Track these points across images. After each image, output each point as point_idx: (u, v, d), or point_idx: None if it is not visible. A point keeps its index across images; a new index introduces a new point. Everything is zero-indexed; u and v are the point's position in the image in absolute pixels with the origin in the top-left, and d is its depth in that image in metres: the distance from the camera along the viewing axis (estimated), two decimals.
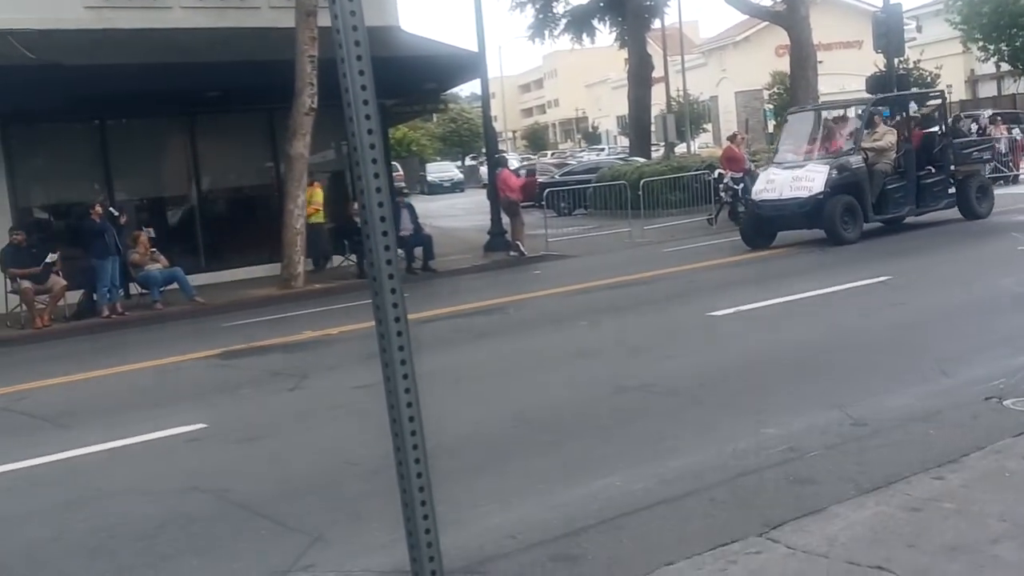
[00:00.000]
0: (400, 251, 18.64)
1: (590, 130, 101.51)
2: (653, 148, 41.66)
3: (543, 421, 7.72)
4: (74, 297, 16.97)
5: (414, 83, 22.07)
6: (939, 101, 21.11)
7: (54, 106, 17.40)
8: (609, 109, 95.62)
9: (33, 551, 5.90)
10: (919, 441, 6.26)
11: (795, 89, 29.16)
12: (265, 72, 18.51)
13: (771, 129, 53.52)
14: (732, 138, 25.70)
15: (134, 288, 17.82)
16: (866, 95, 22.92)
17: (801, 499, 5.41)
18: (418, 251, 19.50)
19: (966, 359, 8.29)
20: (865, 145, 17.89)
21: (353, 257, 19.40)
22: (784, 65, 35.07)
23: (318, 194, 20.64)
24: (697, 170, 26.52)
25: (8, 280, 16.40)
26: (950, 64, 60.99)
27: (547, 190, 27.50)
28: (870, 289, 12.33)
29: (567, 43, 47.40)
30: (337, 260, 20.17)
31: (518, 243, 20.78)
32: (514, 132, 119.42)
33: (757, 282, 13.80)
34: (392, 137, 42.53)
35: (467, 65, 22.59)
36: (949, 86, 59.35)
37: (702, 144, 63.80)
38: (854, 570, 4.33)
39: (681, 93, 56.46)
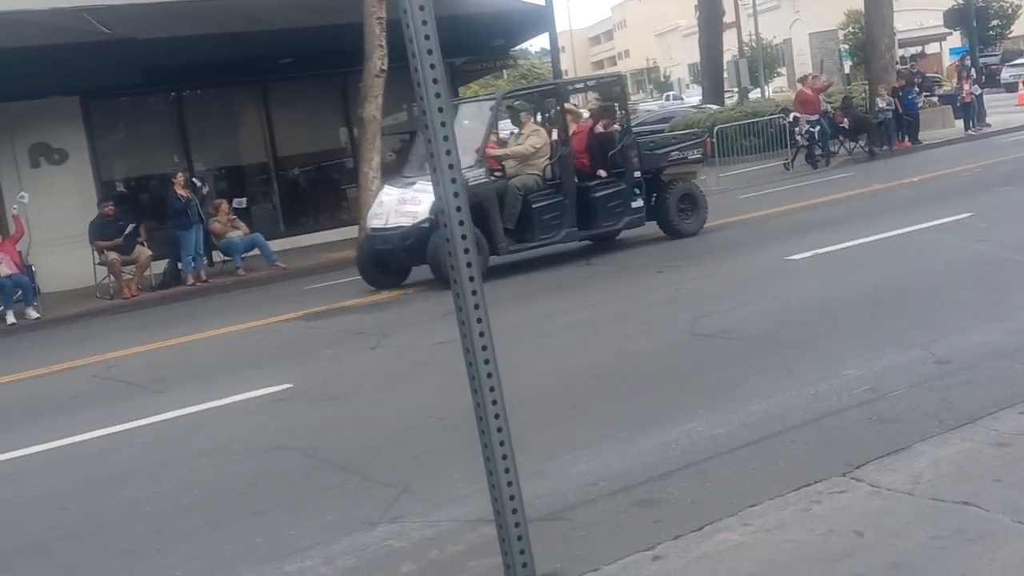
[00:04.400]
0: None
1: (662, 79, 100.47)
2: (727, 95, 41.06)
3: (622, 371, 7.75)
4: (159, 267, 17.38)
5: (482, 40, 22.03)
6: (617, 88, 16.23)
7: (131, 80, 17.75)
8: (680, 57, 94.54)
9: (130, 509, 6.10)
10: (1005, 377, 6.15)
11: (870, 27, 28.43)
12: (335, 36, 18.61)
13: (847, 70, 52.35)
14: (804, 80, 25.33)
15: (217, 256, 18.16)
16: (550, 82, 18.64)
17: (884, 438, 5.36)
18: None
19: None
20: (495, 153, 13.79)
21: None
22: (859, 3, 34.20)
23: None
24: (771, 115, 26.17)
25: (95, 252, 16.84)
26: None
27: None
28: (950, 227, 12.08)
29: None
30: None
31: None
32: None
33: (835, 225, 13.59)
34: (463, 96, 42.49)
35: (535, 19, 22.49)
36: None
37: (776, 88, 62.79)
38: (939, 506, 4.29)
39: (753, 37, 55.54)
